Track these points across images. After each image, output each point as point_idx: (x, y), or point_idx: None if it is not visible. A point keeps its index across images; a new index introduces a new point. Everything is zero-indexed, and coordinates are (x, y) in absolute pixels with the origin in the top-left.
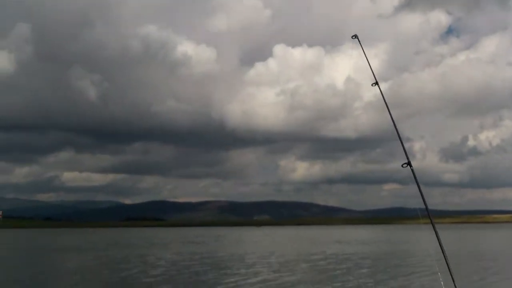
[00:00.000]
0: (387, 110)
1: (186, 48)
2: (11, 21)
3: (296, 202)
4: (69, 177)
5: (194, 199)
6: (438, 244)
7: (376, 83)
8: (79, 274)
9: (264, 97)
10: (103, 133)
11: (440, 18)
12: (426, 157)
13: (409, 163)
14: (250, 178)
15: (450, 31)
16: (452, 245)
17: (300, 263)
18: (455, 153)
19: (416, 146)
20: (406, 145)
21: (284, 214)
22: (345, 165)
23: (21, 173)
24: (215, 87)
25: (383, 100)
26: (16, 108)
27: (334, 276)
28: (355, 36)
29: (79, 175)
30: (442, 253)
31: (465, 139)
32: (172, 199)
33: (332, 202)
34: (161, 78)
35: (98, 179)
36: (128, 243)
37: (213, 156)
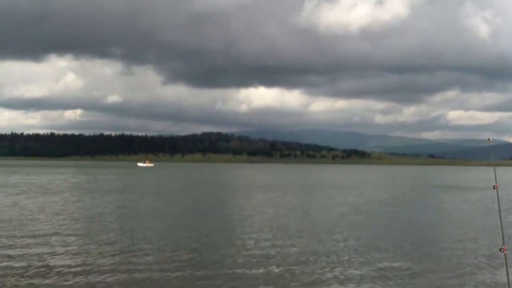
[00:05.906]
0: None
1: None
2: None
3: None
4: (453, 115)
5: None
6: None
7: None
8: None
9: None
10: (491, 71)
11: None
12: None
13: None
14: None
15: None
16: None
17: None
18: None
19: None
20: None
21: None
22: None
23: (408, 112)
24: None
25: None
26: (406, 50)
27: None
28: None
29: (464, 113)
30: None
31: None
32: None
33: None
34: None
35: (483, 117)
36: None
37: None
